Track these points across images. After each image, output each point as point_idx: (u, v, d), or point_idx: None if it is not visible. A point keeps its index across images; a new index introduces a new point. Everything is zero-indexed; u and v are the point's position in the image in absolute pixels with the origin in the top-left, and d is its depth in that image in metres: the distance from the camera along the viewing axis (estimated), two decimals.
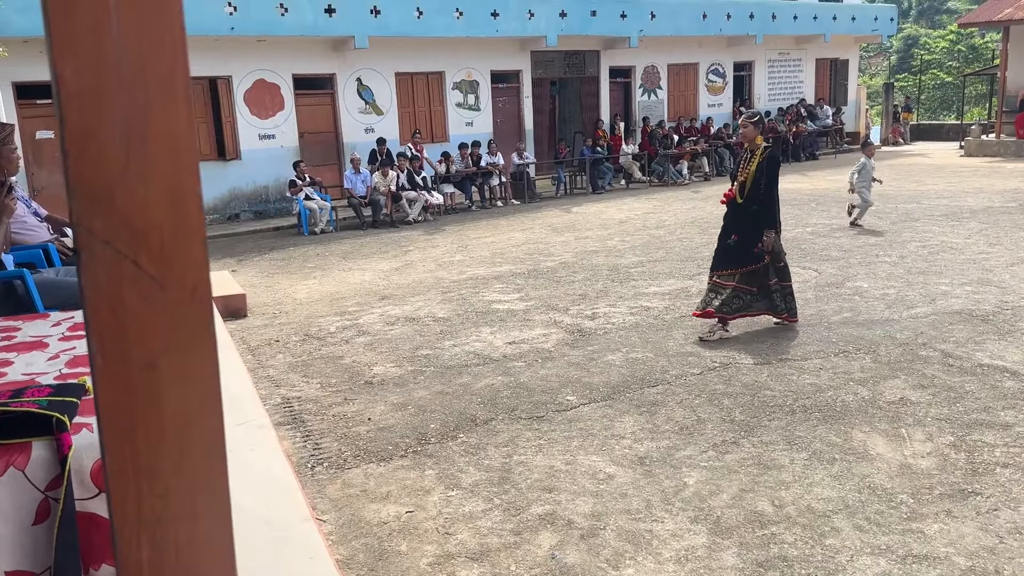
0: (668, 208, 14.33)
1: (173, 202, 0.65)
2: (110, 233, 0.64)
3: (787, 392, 5.02)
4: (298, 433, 4.87)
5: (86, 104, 0.62)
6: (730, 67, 23.49)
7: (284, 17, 15.05)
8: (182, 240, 0.66)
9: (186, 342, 0.69)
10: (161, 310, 0.67)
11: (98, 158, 0.63)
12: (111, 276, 0.65)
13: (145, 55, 0.63)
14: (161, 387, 0.68)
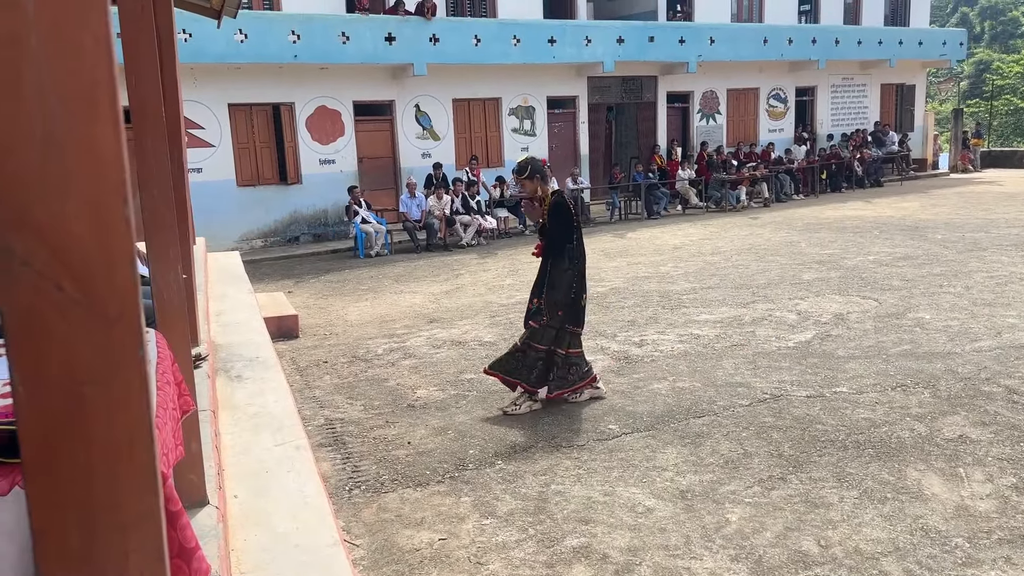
0: (724, 234, 14.10)
1: (96, 220, 0.62)
2: (28, 253, 0.60)
3: (840, 427, 4.82)
4: (338, 455, 4.86)
5: (3, 118, 0.59)
6: (792, 92, 23.14)
7: (346, 45, 15.38)
8: (107, 260, 0.63)
9: (113, 369, 0.65)
10: (85, 335, 0.64)
11: (15, 172, 0.60)
12: (31, 299, 0.62)
13: (64, 64, 0.60)
14: (87, 418, 0.65)
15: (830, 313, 7.69)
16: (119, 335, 0.65)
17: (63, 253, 0.62)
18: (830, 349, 6.48)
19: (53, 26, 0.59)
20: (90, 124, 0.61)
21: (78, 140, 0.61)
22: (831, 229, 13.96)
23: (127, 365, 0.65)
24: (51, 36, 0.59)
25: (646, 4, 20.89)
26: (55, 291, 0.62)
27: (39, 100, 0.60)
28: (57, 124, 0.60)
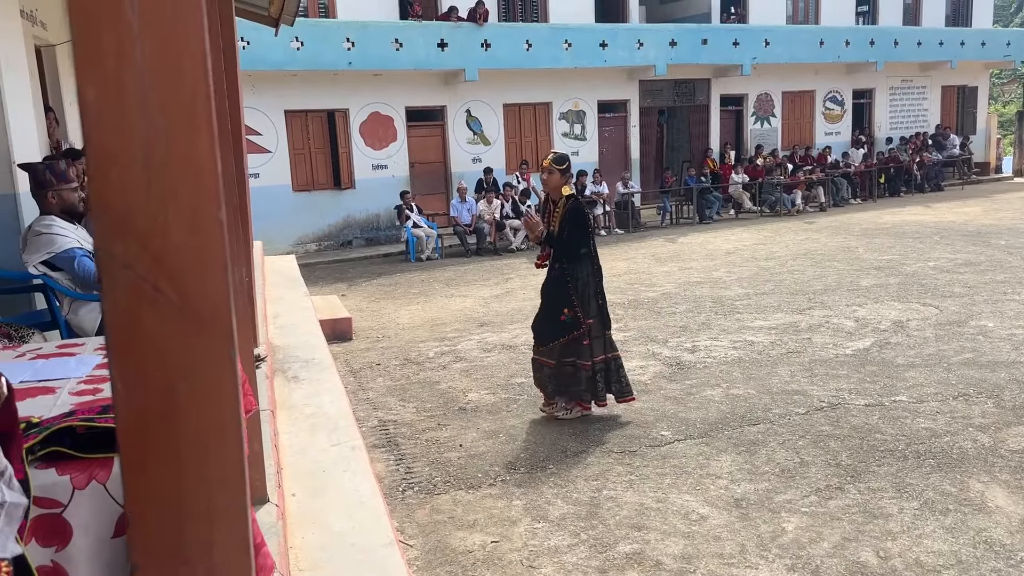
0: (779, 239, 13.89)
1: (194, 227, 0.65)
2: (130, 257, 0.64)
3: (899, 436, 4.72)
4: (392, 456, 4.92)
5: (108, 128, 0.63)
6: (849, 94, 22.69)
7: (399, 52, 15.56)
8: (202, 265, 0.66)
9: (204, 366, 0.68)
10: (179, 335, 0.67)
11: (119, 182, 0.63)
12: (131, 300, 0.65)
13: (168, 82, 0.63)
14: (179, 413, 0.68)
15: (889, 320, 7.52)
16: (211, 335, 0.68)
17: (162, 258, 0.65)
18: (889, 357, 6.34)
19: (157, 42, 0.62)
20: (189, 136, 0.65)
21: (178, 151, 0.65)
22: (890, 234, 13.65)
23: (218, 363, 0.69)
24: (154, 52, 0.63)
25: (699, 6, 20.71)
26: (153, 293, 0.65)
27: (142, 112, 0.63)
28: (159, 136, 0.64)
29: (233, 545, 0.72)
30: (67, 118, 7.98)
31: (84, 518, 1.57)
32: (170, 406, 0.68)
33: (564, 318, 5.19)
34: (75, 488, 1.55)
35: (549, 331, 5.26)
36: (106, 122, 0.63)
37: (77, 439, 1.60)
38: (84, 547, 1.57)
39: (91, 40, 0.61)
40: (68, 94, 8.13)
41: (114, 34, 0.61)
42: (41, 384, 2.10)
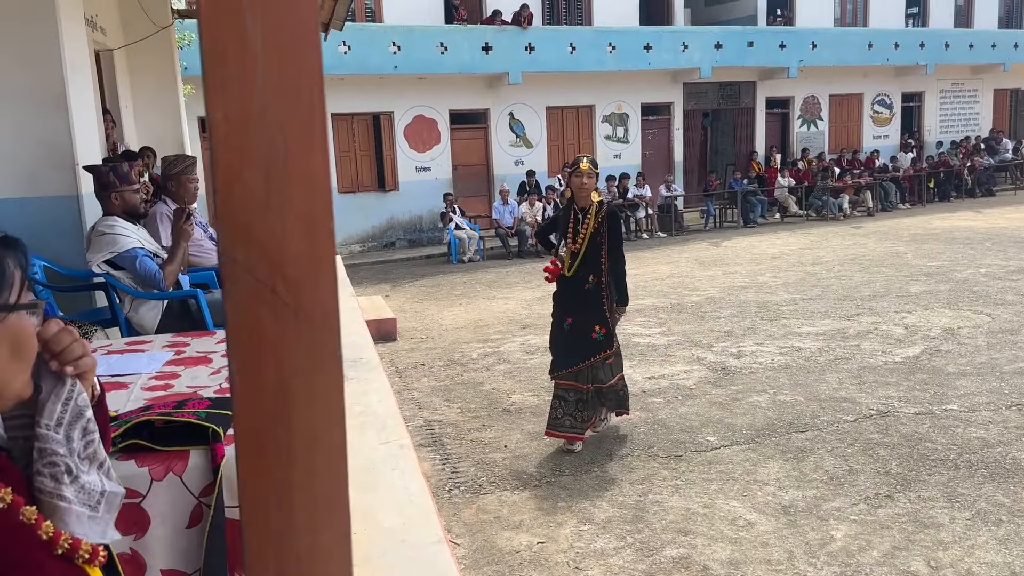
0: (826, 244, 13.72)
1: (308, 236, 0.70)
2: (251, 263, 0.69)
3: (951, 446, 4.65)
4: (438, 456, 4.99)
5: (233, 146, 0.68)
6: (898, 98, 22.30)
7: (444, 55, 15.70)
8: (315, 270, 0.71)
9: (315, 365, 0.73)
10: (294, 335, 0.72)
11: (242, 195, 0.69)
12: (251, 302, 0.70)
13: (286, 102, 0.69)
14: (291, 407, 0.73)
15: (939, 327, 7.40)
16: (322, 335, 0.73)
17: (280, 264, 0.70)
18: (940, 365, 6.24)
19: (278, 66, 0.68)
20: (306, 152, 0.70)
21: (295, 166, 0.70)
22: (940, 240, 13.39)
23: (328, 361, 0.74)
24: (275, 74, 0.68)
25: (746, 9, 20.53)
26: (271, 296, 0.71)
27: (263, 131, 0.69)
28: (278, 152, 0.69)
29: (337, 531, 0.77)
30: (123, 120, 8.22)
31: (161, 508, 1.64)
32: (284, 401, 0.73)
33: (596, 336, 4.81)
34: (153, 479, 1.63)
35: (579, 350, 4.83)
36: (231, 141, 0.68)
37: (155, 433, 1.68)
38: (161, 536, 1.65)
39: (219, 65, 0.66)
40: (124, 97, 8.38)
41: (239, 60, 0.67)
42: (114, 379, 2.19)
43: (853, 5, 21.63)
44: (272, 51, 0.67)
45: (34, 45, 4.91)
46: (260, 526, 0.75)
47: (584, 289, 4.83)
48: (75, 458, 1.06)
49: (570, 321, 4.87)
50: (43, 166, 5.00)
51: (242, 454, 0.74)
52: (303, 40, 0.69)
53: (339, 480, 0.77)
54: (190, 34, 12.03)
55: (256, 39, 0.67)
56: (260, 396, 0.73)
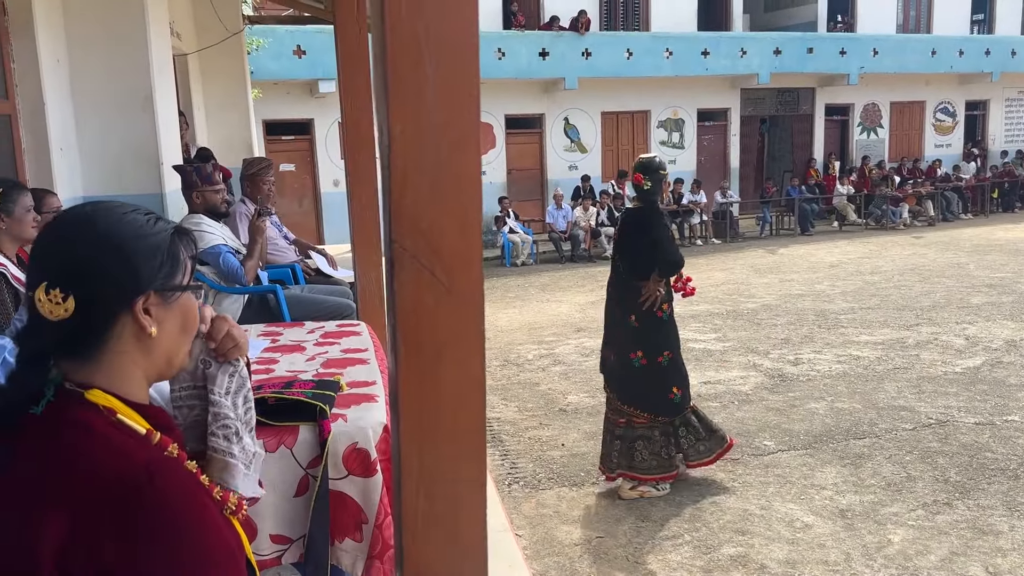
0: (885, 253, 13.53)
1: (462, 228, 0.85)
2: (417, 250, 0.84)
3: (1011, 455, 4.63)
4: (497, 452, 5.13)
5: (408, 154, 0.82)
6: (961, 106, 21.82)
7: (501, 61, 15.89)
8: (466, 257, 0.85)
9: (463, 336, 0.88)
10: (448, 310, 0.87)
11: (412, 194, 0.83)
12: (414, 282, 0.85)
13: (449, 117, 0.83)
14: (443, 369, 0.88)
15: (1001, 339, 7.30)
16: (469, 311, 0.87)
17: (439, 251, 0.85)
18: (1001, 376, 6.18)
19: (445, 86, 0.82)
20: (463, 157, 0.84)
21: (453, 171, 0.84)
22: (1003, 251, 13.11)
23: (473, 332, 0.88)
24: (443, 93, 0.82)
25: (806, 15, 20.31)
26: (431, 278, 0.85)
27: (431, 141, 0.83)
28: (441, 159, 0.84)
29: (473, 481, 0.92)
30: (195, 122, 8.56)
31: (273, 477, 1.81)
32: (437, 365, 0.87)
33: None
34: (267, 451, 1.79)
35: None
36: (408, 150, 0.82)
37: (267, 409, 1.85)
38: (271, 503, 1.82)
39: (400, 85, 0.81)
40: (196, 100, 8.73)
41: (415, 82, 0.81)
42: None
43: (916, 11, 21.25)
44: (441, 74, 0.82)
45: (124, 49, 5.20)
46: (413, 473, 0.89)
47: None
48: (239, 422, 1.22)
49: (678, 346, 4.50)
50: (129, 165, 5.29)
51: (403, 410, 0.88)
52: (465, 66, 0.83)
53: (479, 436, 0.91)
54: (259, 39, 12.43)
55: (428, 65, 0.81)
56: (418, 360, 0.87)
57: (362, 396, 2.05)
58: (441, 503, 0.89)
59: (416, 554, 0.90)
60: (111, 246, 1.07)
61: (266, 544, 1.81)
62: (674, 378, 4.34)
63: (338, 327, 3.02)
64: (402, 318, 0.86)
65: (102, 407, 1.04)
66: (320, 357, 2.46)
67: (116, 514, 0.95)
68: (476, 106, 0.83)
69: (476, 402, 0.89)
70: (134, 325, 1.08)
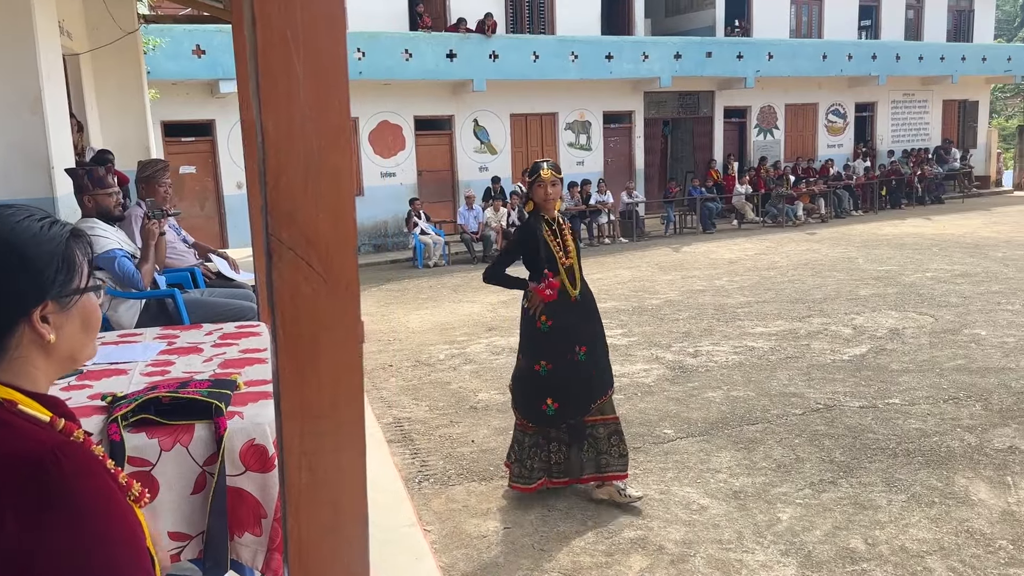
0: (781, 249, 14.15)
1: (336, 220, 0.91)
2: (293, 241, 0.90)
3: (891, 436, 4.96)
4: (407, 450, 5.17)
5: (280, 149, 0.88)
6: (851, 108, 22.99)
7: (409, 62, 15.87)
8: (340, 249, 0.92)
9: (339, 322, 0.94)
10: (324, 299, 0.93)
11: (286, 187, 0.89)
12: (291, 272, 0.91)
13: (320, 114, 0.89)
14: (321, 353, 0.94)
15: (886, 328, 7.77)
16: (344, 298, 0.94)
17: (314, 242, 0.91)
18: (884, 363, 6.59)
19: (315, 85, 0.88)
20: (335, 153, 0.90)
21: (327, 164, 0.90)
22: (890, 246, 13.90)
23: (348, 318, 0.94)
24: (313, 92, 0.89)
25: (704, 20, 21.02)
26: (307, 268, 0.91)
27: (303, 137, 0.89)
28: (314, 153, 0.90)
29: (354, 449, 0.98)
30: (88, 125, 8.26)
31: (169, 475, 1.82)
32: (316, 349, 0.93)
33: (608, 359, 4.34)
34: (162, 450, 1.80)
35: (608, 378, 4.30)
36: (279, 145, 0.88)
37: (162, 409, 1.86)
38: (168, 501, 1.83)
39: (271, 83, 0.87)
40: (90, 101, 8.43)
41: (286, 80, 0.87)
42: (113, 366, 2.35)
43: (808, 17, 22.27)
44: (312, 73, 0.88)
45: (10, 49, 5.00)
46: (295, 448, 0.95)
47: (594, 308, 4.34)
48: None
49: (584, 350, 4.17)
50: (18, 169, 5.09)
51: (285, 390, 0.94)
52: (335, 67, 0.90)
53: (357, 409, 0.97)
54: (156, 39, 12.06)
55: (298, 64, 0.87)
56: (297, 345, 0.93)
57: (260, 394, 2.08)
58: (322, 474, 0.95)
59: (299, 528, 0.96)
60: (4, 256, 1.08)
61: (165, 541, 1.82)
62: (550, 390, 4.12)
63: (237, 328, 3.02)
64: (281, 307, 0.92)
65: (2, 399, 1.06)
66: (218, 358, 2.47)
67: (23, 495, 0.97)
68: (345, 103, 0.89)
69: (354, 380, 0.96)
70: (32, 333, 1.10)
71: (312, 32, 0.87)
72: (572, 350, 4.15)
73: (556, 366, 4.15)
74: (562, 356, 4.15)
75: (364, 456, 0.98)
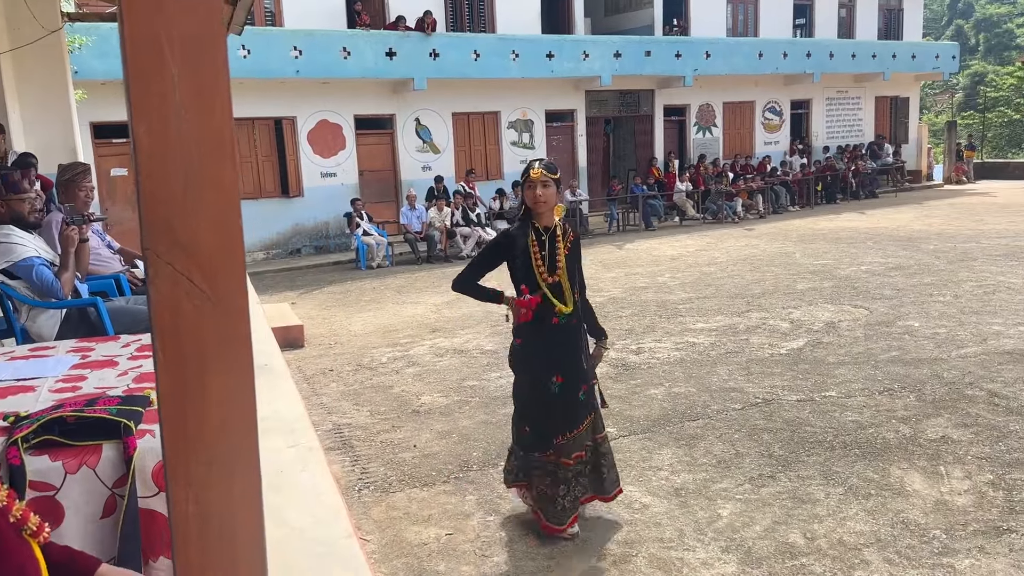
0: (721, 245, 14.34)
1: (220, 233, 0.84)
2: (171, 255, 0.82)
3: (828, 428, 5.03)
4: (347, 458, 5.06)
5: (155, 155, 0.81)
6: (787, 105, 23.45)
7: (347, 60, 15.65)
8: (226, 263, 0.85)
9: (227, 342, 0.87)
10: (209, 317, 0.86)
11: (163, 197, 0.82)
12: (171, 289, 0.84)
13: (200, 120, 0.82)
14: (207, 375, 0.87)
15: (822, 321, 7.91)
16: (232, 315, 0.87)
17: (196, 256, 0.84)
18: (821, 356, 6.70)
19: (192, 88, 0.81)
20: (217, 162, 0.83)
21: (208, 174, 0.83)
22: (825, 240, 14.20)
23: (237, 338, 0.87)
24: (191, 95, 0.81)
25: (643, 19, 21.21)
26: (189, 284, 0.84)
27: (181, 144, 0.82)
28: (193, 162, 0.83)
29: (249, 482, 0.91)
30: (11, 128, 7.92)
31: (75, 500, 1.72)
32: (202, 371, 0.86)
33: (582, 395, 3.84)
34: (67, 473, 1.70)
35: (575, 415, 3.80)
36: (153, 152, 0.81)
37: (66, 429, 1.75)
38: (75, 526, 1.72)
39: (142, 87, 0.79)
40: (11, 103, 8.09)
41: (159, 82, 0.80)
42: (20, 383, 2.22)
43: (744, 16, 22.64)
44: (188, 76, 0.81)
45: None
46: (182, 479, 0.88)
47: (577, 333, 3.84)
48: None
49: (560, 380, 3.74)
50: None
51: (167, 415, 0.87)
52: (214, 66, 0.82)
53: (250, 436, 0.90)
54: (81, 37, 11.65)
55: (173, 64, 0.80)
56: (180, 368, 0.86)
57: None
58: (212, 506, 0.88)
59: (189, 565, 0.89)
60: None
61: None
62: (526, 416, 3.86)
63: None
64: (161, 326, 0.84)
65: None
66: (133, 371, 2.35)
67: None
68: (227, 107, 0.82)
69: (246, 406, 0.89)
70: None
71: (188, 28, 0.80)
72: (547, 378, 3.74)
73: (534, 391, 3.81)
74: (536, 381, 3.79)
75: (259, 485, 0.91)
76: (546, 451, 3.77)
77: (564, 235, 3.77)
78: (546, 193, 3.69)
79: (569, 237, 3.79)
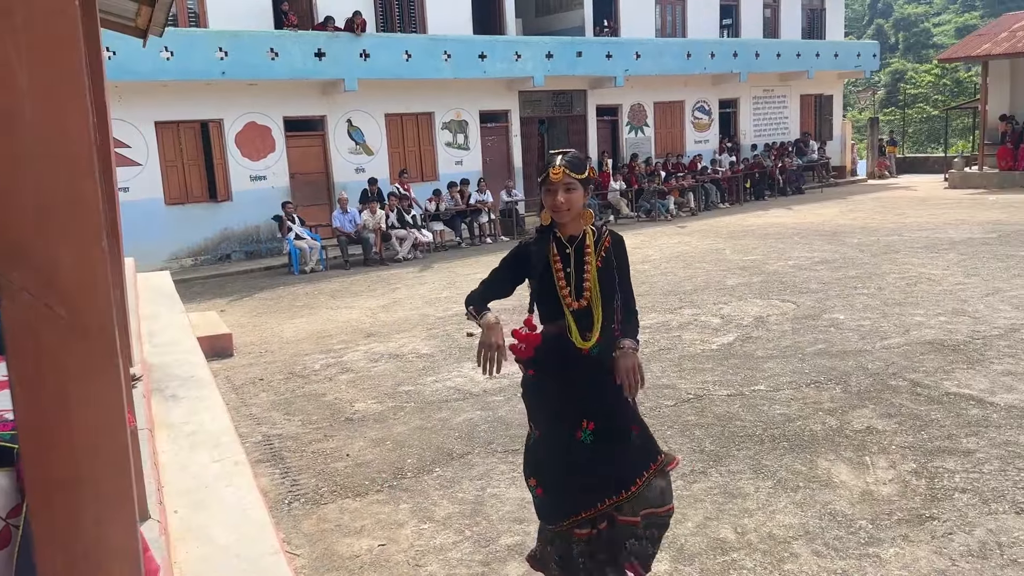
0: (654, 243, 14.52)
1: (80, 256, 0.78)
2: (25, 281, 0.76)
3: (757, 422, 5.12)
4: (276, 470, 4.94)
5: (2, 175, 0.74)
6: (715, 104, 23.90)
7: (275, 61, 15.35)
8: (88, 288, 0.79)
9: (92, 371, 0.81)
10: (70, 346, 0.79)
11: (15, 220, 0.75)
12: (27, 316, 0.77)
13: (55, 133, 0.76)
14: (71, 410, 0.80)
15: (751, 316, 8.06)
16: (97, 346, 0.81)
17: (53, 282, 0.77)
18: (750, 350, 6.82)
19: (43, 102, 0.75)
20: (75, 181, 0.77)
21: (65, 194, 0.77)
22: (754, 236, 14.50)
23: (104, 368, 0.81)
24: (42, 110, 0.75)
25: (573, 20, 21.35)
26: (47, 311, 0.78)
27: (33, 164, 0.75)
28: (47, 182, 0.76)
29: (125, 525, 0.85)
30: None
31: None
32: (64, 406, 0.80)
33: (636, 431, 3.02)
34: None
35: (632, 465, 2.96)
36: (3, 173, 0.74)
37: None
38: None
39: None
40: None
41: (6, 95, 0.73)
42: None
43: (672, 16, 22.99)
44: (38, 88, 0.74)
45: None
46: (47, 524, 0.81)
47: (605, 369, 2.94)
48: None
49: (591, 427, 2.91)
50: None
51: (27, 457, 0.80)
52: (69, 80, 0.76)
53: (123, 478, 0.84)
54: None
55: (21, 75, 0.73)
56: (40, 402, 0.79)
57: None
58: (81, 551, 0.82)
59: None
60: None
61: None
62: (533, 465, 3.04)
63: None
64: (17, 357, 0.78)
65: None
66: None
67: None
68: (84, 122, 0.76)
69: (117, 443, 0.83)
70: None
71: (39, 34, 0.73)
72: (574, 423, 2.91)
73: (542, 438, 2.99)
74: (556, 425, 2.94)
75: (135, 527, 0.85)
76: (560, 524, 2.97)
77: (597, 245, 2.97)
78: (569, 199, 2.87)
79: (604, 245, 2.99)
